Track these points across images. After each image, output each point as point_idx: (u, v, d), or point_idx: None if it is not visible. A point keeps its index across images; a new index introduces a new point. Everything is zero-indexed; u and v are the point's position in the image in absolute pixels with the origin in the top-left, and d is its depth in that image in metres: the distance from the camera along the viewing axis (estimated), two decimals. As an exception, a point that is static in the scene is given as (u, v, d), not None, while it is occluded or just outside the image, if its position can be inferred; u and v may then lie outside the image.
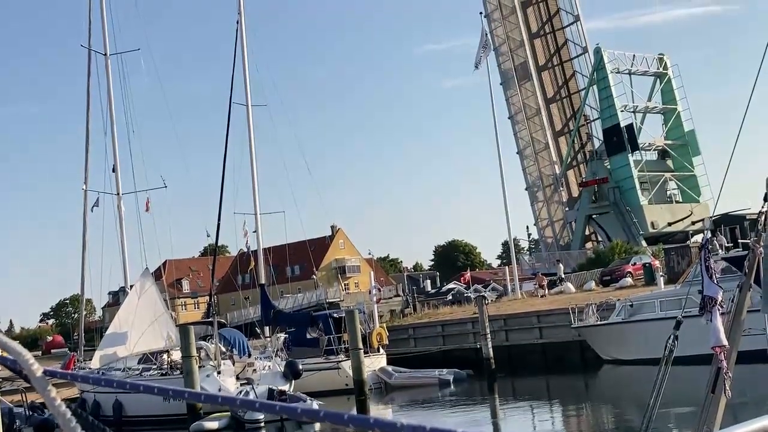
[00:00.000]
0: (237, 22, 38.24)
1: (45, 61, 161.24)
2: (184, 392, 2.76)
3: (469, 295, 50.48)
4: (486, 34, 53.13)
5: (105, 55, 34.79)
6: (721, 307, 7.38)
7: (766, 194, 7.63)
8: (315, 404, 24.61)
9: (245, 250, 37.16)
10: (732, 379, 7.40)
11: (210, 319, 33.05)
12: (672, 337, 7.71)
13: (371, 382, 32.47)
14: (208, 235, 36.88)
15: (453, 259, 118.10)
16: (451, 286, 65.07)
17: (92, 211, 33.83)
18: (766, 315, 7.64)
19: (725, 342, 7.30)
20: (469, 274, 74.06)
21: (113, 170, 34.33)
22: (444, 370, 34.11)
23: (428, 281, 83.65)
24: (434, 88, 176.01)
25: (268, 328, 36.93)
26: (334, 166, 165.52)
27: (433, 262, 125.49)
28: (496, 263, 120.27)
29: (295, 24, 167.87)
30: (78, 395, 32.81)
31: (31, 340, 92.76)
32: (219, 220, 34.07)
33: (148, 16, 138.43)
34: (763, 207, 7.69)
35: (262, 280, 37.33)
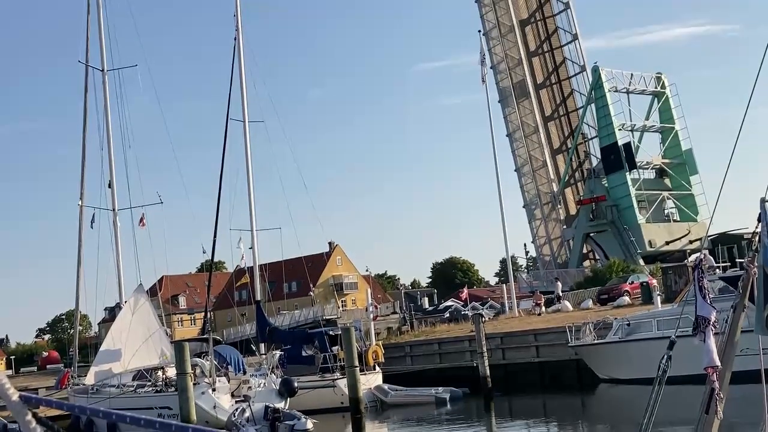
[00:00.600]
0: (234, 39, 38.44)
1: (43, 77, 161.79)
2: (155, 422, 2.73)
3: (467, 312, 50.32)
4: (482, 52, 53.12)
5: (102, 70, 34.82)
6: (714, 327, 7.32)
7: (759, 215, 7.59)
8: (309, 423, 24.46)
9: (242, 266, 37.00)
10: (724, 400, 7.34)
11: (205, 336, 32.92)
12: (665, 357, 7.65)
13: (367, 400, 32.28)
14: (204, 252, 36.88)
15: (451, 276, 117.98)
16: (448, 303, 64.87)
17: (92, 227, 33.77)
18: (759, 336, 7.55)
19: (718, 362, 7.22)
20: (466, 292, 73.91)
21: (109, 186, 34.29)
22: (440, 388, 33.90)
23: (426, 298, 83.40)
24: (433, 105, 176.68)
25: (263, 345, 36.77)
26: (332, 182, 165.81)
27: (430, 279, 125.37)
28: (494, 281, 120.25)
29: (295, 41, 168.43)
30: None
31: (26, 356, 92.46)
32: (215, 236, 34.07)
33: (147, 33, 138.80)
34: (756, 227, 7.64)
35: (258, 297, 37.21)
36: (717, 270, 33.91)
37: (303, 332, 39.17)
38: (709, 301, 7.44)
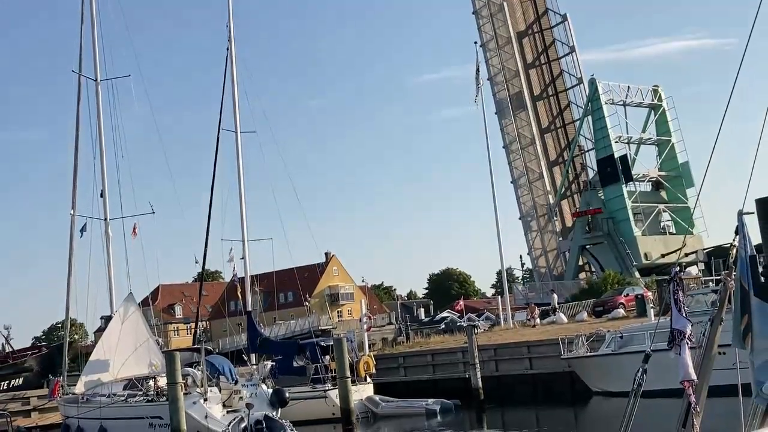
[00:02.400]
0: (227, 49, 38.49)
1: (36, 86, 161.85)
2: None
3: (462, 324, 50.20)
4: (478, 65, 53.14)
5: (95, 80, 34.80)
6: (690, 341, 7.27)
7: (737, 227, 7.54)
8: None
9: (233, 276, 36.93)
10: (702, 414, 7.27)
11: (197, 346, 32.81)
12: (641, 370, 7.61)
13: (358, 411, 32.16)
14: (197, 262, 36.84)
15: (447, 287, 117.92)
16: (444, 314, 64.82)
17: (81, 235, 33.69)
18: (736, 349, 7.51)
19: (694, 376, 7.17)
20: (462, 303, 73.81)
21: (101, 195, 34.21)
22: (430, 400, 33.75)
23: (422, 309, 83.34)
24: (431, 117, 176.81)
25: (254, 355, 36.67)
26: (330, 193, 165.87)
27: (427, 290, 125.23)
28: (490, 292, 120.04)
29: (293, 53, 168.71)
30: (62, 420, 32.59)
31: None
32: (206, 246, 34.03)
33: (141, 42, 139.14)
34: (734, 240, 7.59)
35: (249, 308, 37.11)
36: (710, 283, 33.86)
37: (294, 343, 39.01)
38: (684, 315, 7.40)
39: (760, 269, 7.21)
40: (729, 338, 7.55)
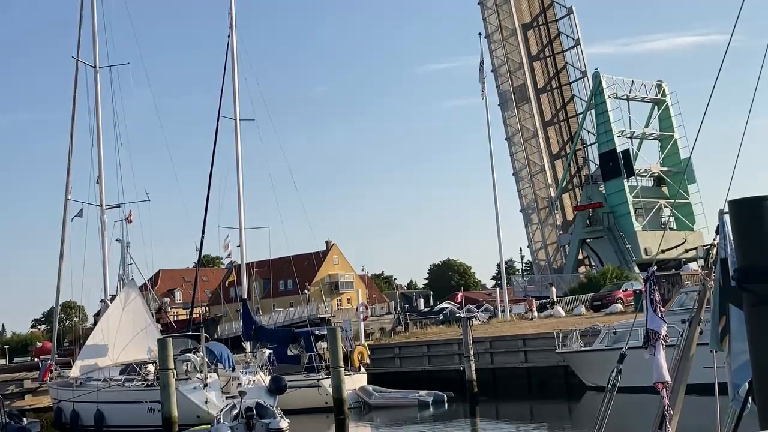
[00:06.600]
0: (228, 36, 38.45)
1: (37, 71, 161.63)
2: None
3: (461, 315, 50.33)
4: (482, 57, 53.11)
5: (94, 67, 34.79)
6: (664, 341, 7.26)
7: (717, 227, 7.51)
8: (283, 422, 24.41)
9: (226, 263, 37.09)
10: (677, 416, 7.27)
11: (190, 333, 32.91)
12: (615, 370, 7.60)
13: (351, 401, 32.25)
14: (197, 249, 36.97)
15: (447, 278, 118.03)
16: (444, 305, 64.95)
17: (72, 220, 33.80)
18: (714, 351, 7.49)
19: (668, 378, 7.16)
20: (462, 294, 73.88)
21: (97, 182, 34.26)
22: (423, 391, 33.86)
23: (421, 300, 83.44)
24: (434, 107, 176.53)
25: (249, 343, 36.79)
26: (332, 181, 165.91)
27: (427, 281, 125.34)
28: (490, 284, 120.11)
29: (295, 41, 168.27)
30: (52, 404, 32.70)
31: (21, 346, 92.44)
32: (203, 234, 34.07)
33: (141, 27, 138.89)
34: (714, 239, 7.56)
35: (245, 295, 37.16)
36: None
37: (288, 331, 39.06)
38: (660, 315, 7.38)
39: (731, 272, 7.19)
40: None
